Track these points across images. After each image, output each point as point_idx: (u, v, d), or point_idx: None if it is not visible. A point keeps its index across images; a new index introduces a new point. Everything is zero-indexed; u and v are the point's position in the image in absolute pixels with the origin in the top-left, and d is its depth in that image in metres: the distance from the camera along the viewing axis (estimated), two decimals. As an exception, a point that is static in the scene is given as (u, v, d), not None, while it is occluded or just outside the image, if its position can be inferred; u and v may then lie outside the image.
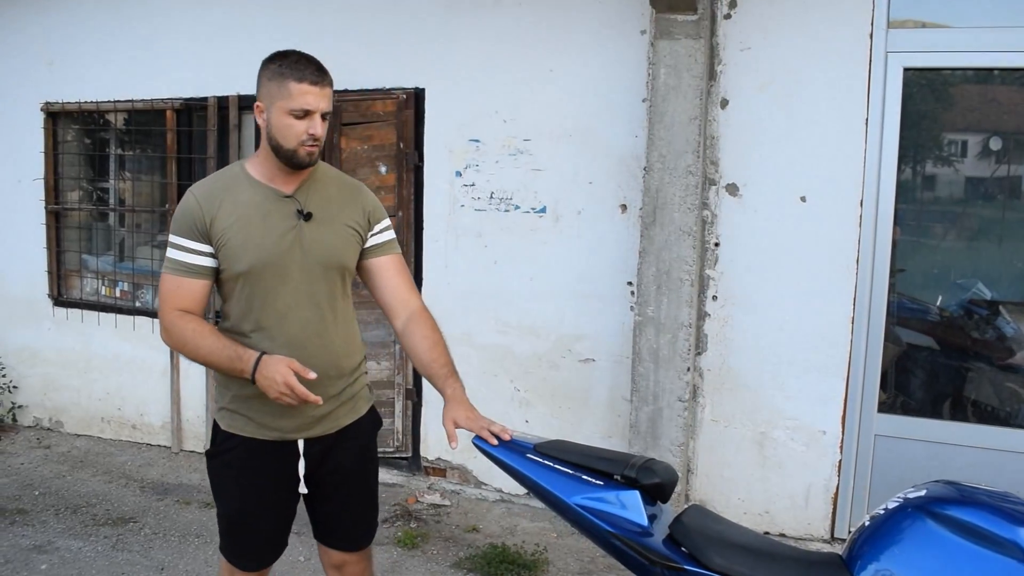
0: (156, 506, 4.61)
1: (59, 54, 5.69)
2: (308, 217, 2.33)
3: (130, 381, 5.68)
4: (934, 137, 4.08)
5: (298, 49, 2.31)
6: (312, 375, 2.13)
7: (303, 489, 2.43)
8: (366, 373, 2.58)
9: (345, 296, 2.45)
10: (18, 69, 5.83)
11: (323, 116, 2.26)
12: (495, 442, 2.20)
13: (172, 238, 2.33)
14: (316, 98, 2.22)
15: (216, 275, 2.35)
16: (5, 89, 5.88)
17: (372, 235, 2.46)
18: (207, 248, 2.30)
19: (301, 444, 2.39)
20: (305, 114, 2.23)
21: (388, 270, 2.48)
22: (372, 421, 2.59)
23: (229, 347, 2.23)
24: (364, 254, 2.46)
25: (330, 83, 2.29)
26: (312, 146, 2.26)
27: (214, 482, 2.47)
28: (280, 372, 2.11)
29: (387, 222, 2.51)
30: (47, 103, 5.73)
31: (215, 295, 2.43)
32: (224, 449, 2.42)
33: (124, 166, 5.92)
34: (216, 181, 2.39)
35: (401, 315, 2.47)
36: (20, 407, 6.08)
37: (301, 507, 2.54)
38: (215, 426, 2.46)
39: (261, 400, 2.27)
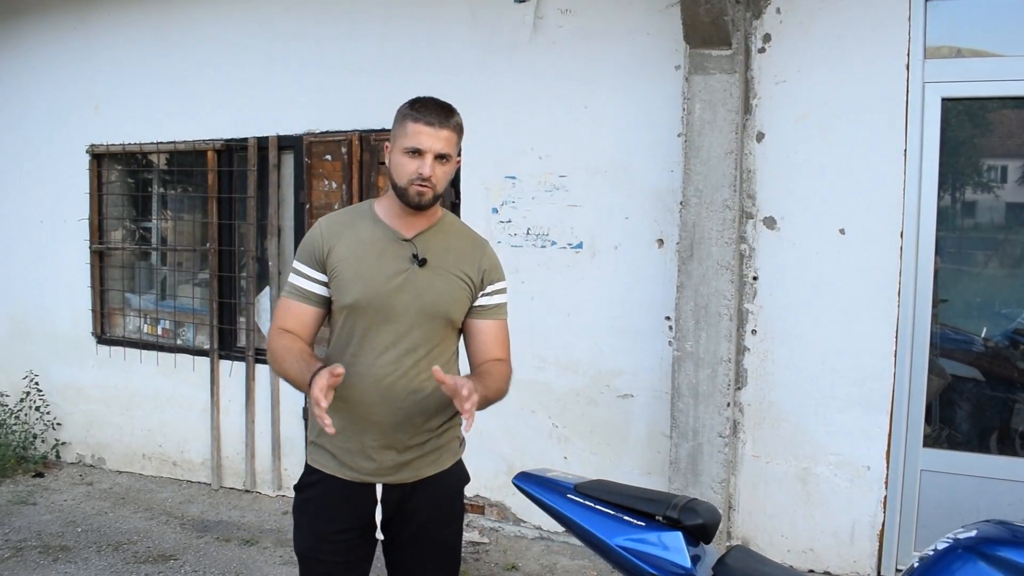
0: (196, 543, 4.63)
1: (105, 98, 5.84)
2: (423, 263, 2.33)
3: (171, 418, 5.74)
4: (973, 164, 4.04)
5: (432, 96, 2.37)
6: (340, 369, 2.04)
7: (379, 535, 2.39)
8: (459, 425, 2.48)
9: (446, 348, 2.41)
10: (65, 113, 5.99)
11: (440, 158, 2.29)
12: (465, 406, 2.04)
13: (294, 263, 2.40)
14: (430, 139, 2.26)
15: (329, 305, 2.38)
16: (53, 132, 6.04)
17: (483, 295, 2.44)
18: (321, 276, 2.35)
19: (380, 489, 2.36)
20: (417, 153, 2.26)
21: (486, 333, 2.46)
22: (457, 476, 2.51)
23: (304, 362, 2.21)
24: (471, 312, 2.44)
25: (452, 127, 2.32)
26: (421, 186, 2.26)
27: (295, 517, 2.46)
28: (320, 375, 2.04)
29: (502, 285, 2.49)
30: (92, 145, 5.87)
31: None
32: (306, 484, 2.41)
33: (166, 206, 6.03)
34: (344, 214, 2.44)
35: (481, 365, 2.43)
36: (63, 444, 6.16)
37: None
38: (305, 460, 2.46)
39: (344, 436, 2.28)
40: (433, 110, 2.29)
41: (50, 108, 6.06)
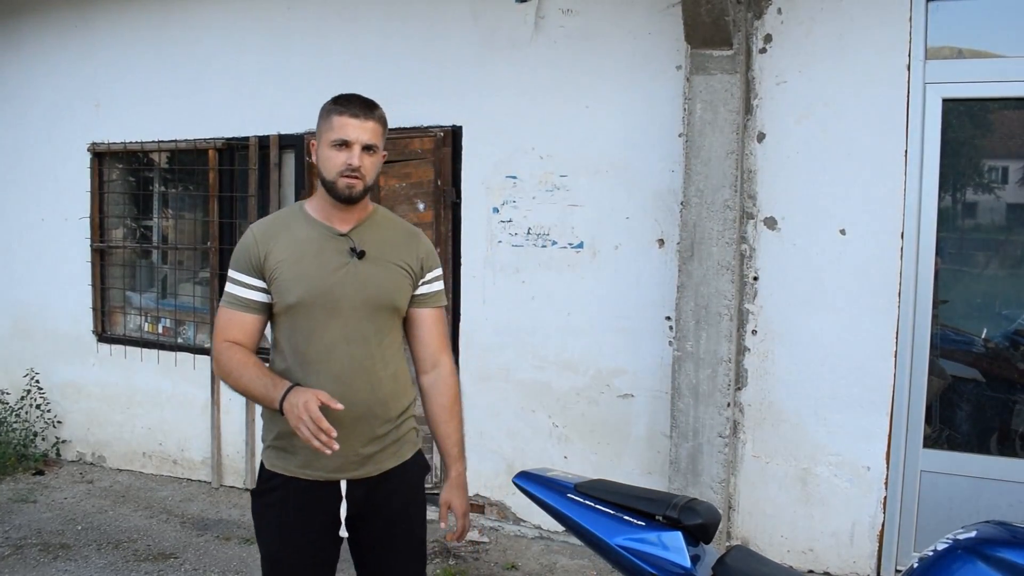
0: (196, 542, 4.64)
1: (106, 96, 5.84)
2: (361, 255, 2.36)
3: (172, 416, 5.74)
4: (974, 165, 4.04)
5: (356, 92, 2.39)
6: (338, 406, 2.08)
7: (343, 532, 2.40)
8: (414, 416, 2.54)
9: (395, 337, 2.45)
10: (66, 111, 5.99)
11: (366, 149, 2.31)
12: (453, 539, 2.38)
13: (230, 272, 2.38)
14: (356, 130, 2.28)
15: (270, 311, 2.38)
16: (54, 131, 6.04)
17: (423, 283, 2.48)
18: (260, 283, 2.34)
19: (344, 486, 2.37)
20: (345, 145, 2.28)
21: (428, 322, 2.51)
22: (418, 466, 2.53)
23: (266, 376, 2.24)
24: (412, 301, 2.47)
25: (377, 119, 2.34)
26: (350, 176, 2.29)
27: (256, 522, 2.45)
28: (305, 398, 2.08)
29: (438, 271, 2.54)
30: (93, 144, 5.87)
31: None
32: (267, 488, 2.40)
33: (167, 204, 6.03)
34: (275, 219, 2.45)
35: (429, 371, 2.52)
36: (64, 442, 6.16)
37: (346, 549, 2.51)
38: (261, 464, 2.45)
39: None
40: (357, 103, 2.33)
41: (51, 106, 6.06)
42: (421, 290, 2.48)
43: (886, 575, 3.97)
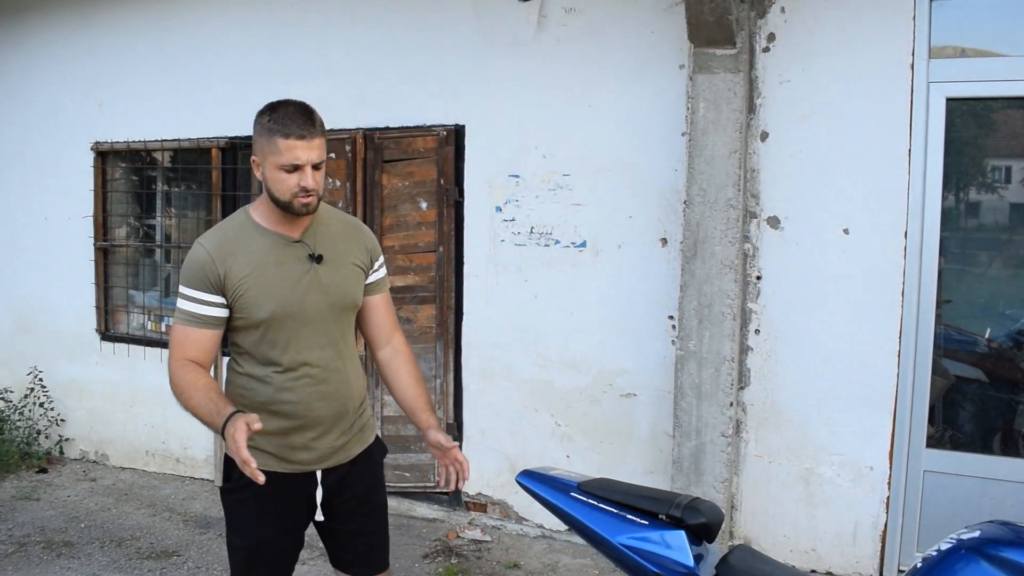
0: (199, 539, 4.64)
1: (108, 95, 5.85)
2: (319, 260, 2.40)
3: (174, 415, 5.71)
4: (978, 164, 4.03)
5: (291, 98, 2.36)
6: (258, 426, 2.07)
7: (319, 516, 2.51)
8: (370, 404, 2.70)
9: (352, 332, 2.55)
10: (69, 110, 5.99)
11: (315, 167, 2.30)
12: (453, 478, 2.48)
13: (183, 289, 2.34)
14: (304, 151, 2.25)
15: (226, 323, 2.38)
16: (57, 129, 6.05)
17: (372, 272, 2.57)
18: (219, 299, 2.33)
19: (319, 473, 2.48)
20: (295, 168, 2.26)
21: (379, 308, 2.62)
22: (379, 449, 2.68)
23: (213, 402, 2.21)
24: (364, 290, 2.55)
25: (320, 133, 2.31)
26: (306, 197, 2.29)
27: (232, 517, 2.53)
28: (236, 428, 2.05)
29: (382, 258, 2.63)
30: (97, 143, 5.87)
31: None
32: (243, 484, 2.39)
33: (170, 203, 6.03)
34: (225, 232, 2.40)
35: (384, 346, 2.64)
36: (67, 440, 6.17)
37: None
38: (228, 462, 2.47)
39: (281, 436, 2.36)
40: (299, 121, 2.27)
41: (53, 105, 6.07)
42: (371, 279, 2.56)
43: (889, 575, 3.97)
